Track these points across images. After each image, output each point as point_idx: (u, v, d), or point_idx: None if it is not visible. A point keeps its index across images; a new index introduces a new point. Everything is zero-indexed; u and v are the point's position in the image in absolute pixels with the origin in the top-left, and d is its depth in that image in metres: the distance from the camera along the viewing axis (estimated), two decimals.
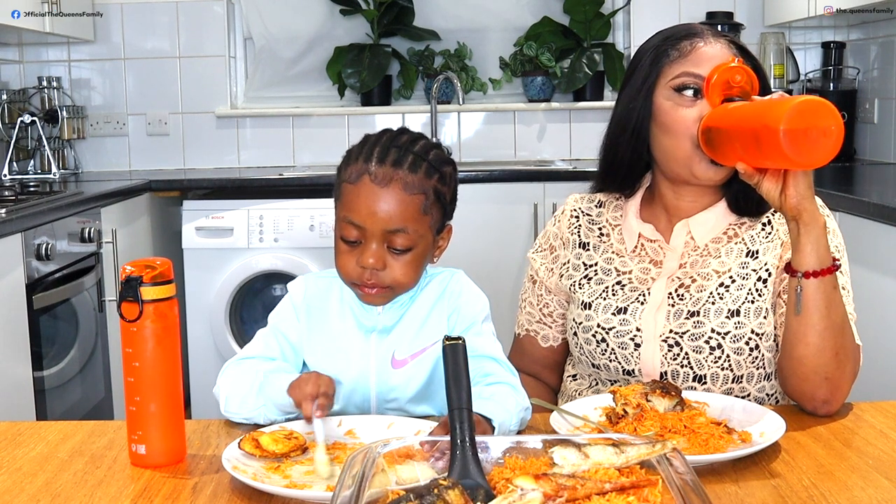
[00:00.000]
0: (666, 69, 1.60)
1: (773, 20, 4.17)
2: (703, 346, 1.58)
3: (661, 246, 1.66)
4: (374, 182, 1.40)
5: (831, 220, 1.59)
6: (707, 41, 1.60)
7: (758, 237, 1.63)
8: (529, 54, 4.33)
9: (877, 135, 4.00)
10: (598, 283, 1.67)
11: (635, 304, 1.62)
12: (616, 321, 1.62)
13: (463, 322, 1.49)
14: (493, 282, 1.68)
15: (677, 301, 1.61)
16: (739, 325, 1.57)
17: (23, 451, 1.36)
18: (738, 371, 1.58)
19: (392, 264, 1.42)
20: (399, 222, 1.40)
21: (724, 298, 1.59)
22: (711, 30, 1.63)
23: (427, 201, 1.42)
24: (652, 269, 1.65)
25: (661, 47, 1.62)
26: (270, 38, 4.48)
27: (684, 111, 1.57)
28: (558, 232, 1.77)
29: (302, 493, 1.17)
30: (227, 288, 3.77)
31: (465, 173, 3.91)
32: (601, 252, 1.70)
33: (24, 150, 4.14)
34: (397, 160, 1.41)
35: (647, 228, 1.68)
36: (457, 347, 1.14)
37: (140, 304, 1.26)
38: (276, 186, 3.90)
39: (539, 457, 1.07)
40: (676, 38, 1.62)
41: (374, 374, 1.49)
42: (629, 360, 1.61)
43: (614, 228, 1.72)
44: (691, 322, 1.59)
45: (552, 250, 1.77)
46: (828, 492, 1.17)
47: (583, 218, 1.75)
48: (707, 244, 1.64)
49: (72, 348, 3.16)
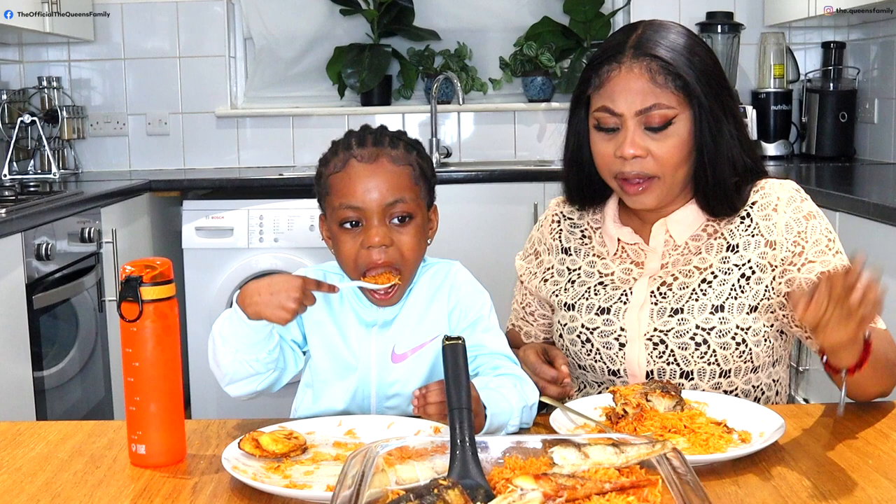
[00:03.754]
0: (591, 96, 1.59)
1: (773, 20, 4.17)
2: (688, 343, 1.57)
3: (642, 248, 1.66)
4: (362, 161, 1.43)
5: (809, 203, 1.60)
6: (624, 67, 1.55)
7: (737, 230, 1.61)
8: (529, 54, 4.33)
9: (877, 135, 4.00)
10: (581, 285, 1.68)
11: (618, 303, 1.63)
12: (600, 321, 1.63)
13: (468, 318, 1.50)
14: (492, 282, 1.67)
15: (660, 299, 1.60)
16: (724, 320, 1.57)
17: (23, 451, 1.36)
18: (725, 366, 1.58)
19: (398, 239, 1.43)
20: (396, 192, 1.42)
21: (707, 294, 1.58)
22: (636, 48, 1.56)
23: (414, 172, 1.46)
24: (634, 270, 1.65)
25: (587, 72, 1.61)
26: (270, 38, 4.48)
27: (603, 145, 1.58)
28: (541, 237, 1.79)
29: (302, 493, 1.17)
30: (227, 288, 3.77)
31: (465, 173, 3.92)
32: (583, 255, 1.71)
33: (24, 150, 4.14)
34: (377, 140, 1.46)
35: (625, 232, 1.67)
36: (457, 347, 1.14)
37: (140, 304, 1.26)
38: (276, 186, 3.90)
39: (539, 457, 1.07)
40: (600, 60, 1.58)
41: (375, 369, 1.49)
42: (614, 360, 1.61)
43: (595, 231, 1.72)
44: (675, 319, 1.58)
45: (536, 255, 1.79)
46: (828, 492, 1.17)
47: (564, 222, 1.76)
48: (687, 242, 1.63)
49: (72, 348, 3.16)
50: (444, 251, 1.64)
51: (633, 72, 1.55)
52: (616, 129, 1.56)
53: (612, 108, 1.56)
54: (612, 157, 1.57)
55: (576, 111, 1.65)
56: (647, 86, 1.54)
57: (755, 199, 1.62)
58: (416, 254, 1.45)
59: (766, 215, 1.60)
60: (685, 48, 1.57)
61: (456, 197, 3.77)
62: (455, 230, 3.65)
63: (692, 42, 1.60)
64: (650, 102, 1.54)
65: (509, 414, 1.38)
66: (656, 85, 1.54)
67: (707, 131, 1.56)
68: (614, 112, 1.55)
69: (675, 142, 1.55)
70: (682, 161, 1.57)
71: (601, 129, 1.58)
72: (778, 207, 1.60)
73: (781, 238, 1.58)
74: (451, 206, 3.66)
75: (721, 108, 1.58)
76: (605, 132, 1.58)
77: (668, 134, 1.55)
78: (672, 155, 1.56)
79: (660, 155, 1.55)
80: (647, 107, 1.54)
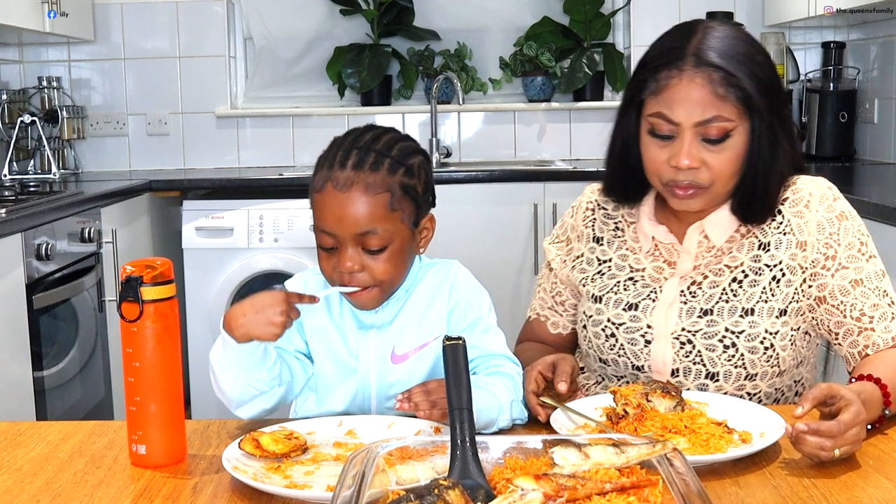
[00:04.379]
0: (646, 100, 1.55)
1: (773, 20, 4.17)
2: (716, 345, 1.56)
3: (676, 247, 1.63)
4: (336, 188, 1.40)
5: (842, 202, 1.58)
6: (685, 76, 1.50)
7: (769, 228, 1.59)
8: (529, 54, 4.32)
9: (877, 135, 4.00)
10: (611, 278, 1.66)
11: (647, 300, 1.61)
12: (626, 317, 1.61)
13: (468, 317, 1.50)
14: (492, 282, 1.67)
15: (689, 298, 1.59)
16: (753, 324, 1.55)
17: (23, 451, 1.36)
18: (752, 370, 1.56)
19: (370, 265, 1.42)
20: (367, 224, 1.40)
21: (737, 296, 1.56)
22: (697, 56, 1.51)
23: (393, 198, 1.41)
24: (665, 269, 1.63)
25: (642, 73, 1.56)
26: (270, 38, 4.48)
27: (656, 151, 1.55)
28: (574, 224, 1.75)
29: (302, 493, 1.17)
30: (227, 288, 3.77)
31: (465, 173, 3.91)
32: (615, 248, 1.68)
33: (24, 150, 4.14)
34: (358, 162, 1.41)
35: (660, 231, 1.64)
36: (457, 348, 1.14)
37: (140, 304, 1.26)
38: (276, 186, 3.90)
39: (539, 457, 1.07)
40: (657, 64, 1.53)
41: (374, 371, 1.49)
42: (638, 356, 1.60)
43: (629, 226, 1.69)
44: (704, 321, 1.57)
45: (567, 242, 1.76)
46: (828, 492, 1.17)
47: (598, 211, 1.73)
48: (722, 245, 1.61)
49: (72, 348, 3.16)
50: (445, 251, 1.64)
51: (694, 81, 1.50)
52: (671, 137, 1.52)
53: (669, 116, 1.51)
54: (665, 164, 1.54)
55: (626, 112, 1.60)
56: (709, 97, 1.49)
57: (787, 196, 1.60)
58: (391, 275, 1.43)
59: (798, 212, 1.58)
60: (747, 57, 1.52)
61: (456, 197, 3.77)
62: (455, 230, 3.65)
63: (753, 50, 1.55)
64: (710, 115, 1.50)
65: (497, 410, 1.39)
66: (717, 97, 1.49)
67: (766, 145, 1.53)
68: (671, 120, 1.51)
69: (731, 154, 1.52)
70: (735, 173, 1.54)
71: (655, 134, 1.54)
72: (810, 204, 1.58)
73: (812, 238, 1.56)
74: (451, 206, 3.66)
75: (779, 121, 1.54)
76: (660, 138, 1.54)
77: (725, 147, 1.51)
78: (726, 167, 1.53)
79: (715, 167, 1.52)
80: (706, 119, 1.50)
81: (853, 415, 1.24)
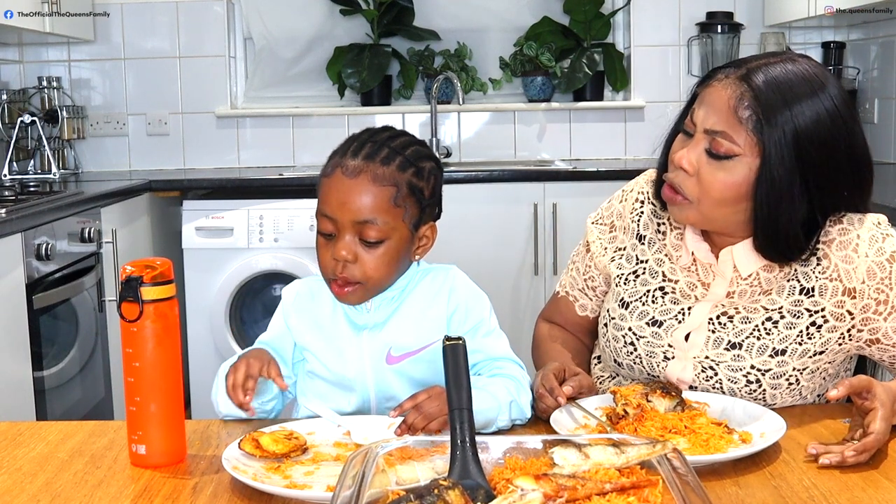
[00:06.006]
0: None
1: (773, 20, 4.17)
2: (739, 378, 1.51)
3: (714, 269, 1.53)
4: (345, 174, 1.42)
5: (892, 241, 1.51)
6: (717, 81, 1.45)
7: (813, 273, 1.50)
8: (529, 54, 4.32)
9: (877, 135, 4.00)
10: (643, 284, 1.60)
11: (672, 320, 1.55)
12: (648, 332, 1.57)
13: (469, 321, 1.50)
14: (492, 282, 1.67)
15: (718, 328, 1.53)
16: (782, 363, 1.50)
17: (23, 451, 1.36)
18: (772, 402, 1.52)
19: (364, 258, 1.42)
20: (368, 213, 1.40)
21: (770, 335, 1.50)
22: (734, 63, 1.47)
23: (398, 193, 1.42)
24: (698, 288, 1.55)
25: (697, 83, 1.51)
26: (270, 38, 4.48)
27: (676, 146, 1.50)
28: (622, 212, 1.67)
29: (302, 493, 1.17)
30: (227, 288, 3.76)
31: (465, 173, 3.91)
32: (655, 250, 1.61)
33: (24, 150, 4.14)
34: (370, 154, 1.43)
35: (702, 248, 1.54)
36: (457, 348, 1.14)
37: (140, 304, 1.26)
38: (276, 186, 3.90)
39: (539, 457, 1.07)
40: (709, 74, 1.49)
41: (371, 372, 1.49)
42: (655, 368, 1.57)
43: (672, 230, 1.59)
44: (731, 354, 1.51)
45: (612, 228, 1.68)
46: (828, 492, 1.17)
47: (647, 205, 1.64)
48: (758, 272, 1.50)
49: (72, 348, 3.16)
50: (445, 251, 1.64)
51: (726, 89, 1.43)
52: (691, 136, 1.47)
53: (693, 117, 1.47)
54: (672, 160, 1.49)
55: (683, 116, 1.52)
56: (727, 109, 1.42)
57: (833, 236, 1.50)
58: (381, 273, 1.43)
59: (847, 257, 1.49)
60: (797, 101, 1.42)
61: (456, 197, 3.76)
62: (455, 230, 3.64)
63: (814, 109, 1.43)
64: (719, 127, 1.43)
65: (496, 410, 1.39)
66: (734, 114, 1.42)
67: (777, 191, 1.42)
68: (693, 120, 1.47)
69: (727, 179, 1.43)
70: (727, 202, 1.45)
71: (684, 131, 1.49)
72: (859, 248, 1.49)
73: (863, 286, 1.48)
74: (451, 206, 3.62)
75: (812, 177, 1.44)
76: (685, 135, 1.49)
77: (725, 167, 1.43)
78: (715, 190, 1.44)
79: (705, 183, 1.45)
80: (715, 129, 1.43)
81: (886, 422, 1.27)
